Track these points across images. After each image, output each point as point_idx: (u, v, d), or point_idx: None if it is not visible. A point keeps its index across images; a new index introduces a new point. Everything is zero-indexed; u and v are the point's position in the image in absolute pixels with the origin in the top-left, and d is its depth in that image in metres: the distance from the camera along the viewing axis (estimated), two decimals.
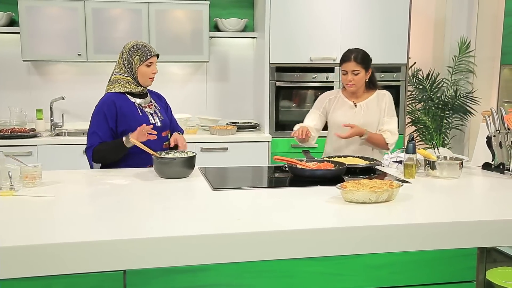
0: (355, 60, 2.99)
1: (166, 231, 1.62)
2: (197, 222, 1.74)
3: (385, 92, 3.17)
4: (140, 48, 2.65)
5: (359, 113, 3.07)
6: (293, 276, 1.68)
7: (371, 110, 3.09)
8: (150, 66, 2.66)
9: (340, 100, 3.15)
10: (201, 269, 1.61)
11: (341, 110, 3.11)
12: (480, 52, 5.18)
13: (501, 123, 2.68)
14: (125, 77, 2.68)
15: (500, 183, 2.44)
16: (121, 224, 1.70)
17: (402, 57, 4.52)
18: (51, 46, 4.20)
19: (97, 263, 1.53)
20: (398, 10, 4.46)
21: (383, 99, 3.12)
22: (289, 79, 4.37)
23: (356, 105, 3.09)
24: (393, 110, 3.13)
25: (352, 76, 3.01)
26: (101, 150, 2.59)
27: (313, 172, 2.43)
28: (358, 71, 3.00)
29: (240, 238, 1.63)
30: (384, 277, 1.74)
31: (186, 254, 1.59)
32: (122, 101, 2.65)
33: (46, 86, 4.54)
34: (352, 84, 3.03)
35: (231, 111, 4.86)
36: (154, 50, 2.69)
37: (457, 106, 4.97)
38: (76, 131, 4.46)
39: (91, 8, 4.19)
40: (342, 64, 3.04)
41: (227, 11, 4.69)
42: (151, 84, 2.74)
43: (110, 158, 2.62)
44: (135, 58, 2.64)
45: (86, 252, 1.52)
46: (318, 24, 4.35)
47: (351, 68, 3.00)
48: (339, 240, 1.70)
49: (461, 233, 1.78)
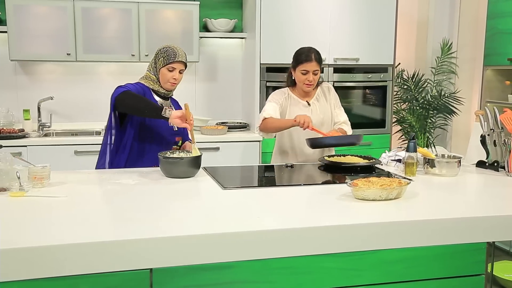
0: (316, 61, 2.97)
1: (188, 230, 1.64)
2: (217, 221, 1.76)
3: (327, 84, 3.20)
4: (167, 51, 2.66)
5: (315, 111, 3.07)
6: (312, 272, 1.72)
7: (322, 105, 3.11)
8: (172, 71, 2.66)
9: (293, 100, 3.09)
10: (226, 267, 1.63)
11: (298, 110, 3.04)
12: (461, 54, 5.32)
13: (494, 122, 2.77)
14: (152, 75, 2.71)
15: (496, 180, 2.53)
16: (143, 224, 1.71)
17: (389, 58, 4.62)
18: (39, 45, 4.14)
19: (123, 262, 1.54)
20: (385, 12, 4.56)
21: (329, 91, 3.17)
22: (279, 80, 4.40)
23: (309, 103, 3.10)
24: (339, 101, 3.20)
25: (312, 76, 2.99)
26: (135, 96, 2.53)
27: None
28: (318, 70, 3.00)
29: (262, 235, 1.66)
30: (399, 272, 1.79)
31: (210, 252, 1.61)
32: (149, 95, 2.68)
33: (34, 86, 4.47)
34: (311, 84, 3.01)
35: (219, 111, 4.87)
36: (181, 56, 2.67)
37: (441, 106, 5.10)
38: (64, 132, 4.41)
39: (80, 7, 4.15)
40: (303, 63, 2.96)
41: (216, 12, 4.70)
42: (171, 89, 2.74)
43: (136, 107, 2.52)
44: (160, 59, 2.66)
45: (112, 251, 1.53)
46: (307, 25, 4.40)
47: (313, 68, 2.97)
48: (355, 236, 1.74)
49: (470, 228, 1.84)
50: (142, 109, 2.52)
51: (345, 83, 4.59)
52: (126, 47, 4.28)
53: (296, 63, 3.01)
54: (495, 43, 4.48)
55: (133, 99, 2.53)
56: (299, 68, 2.99)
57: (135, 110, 2.56)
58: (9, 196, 2.03)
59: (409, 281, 1.81)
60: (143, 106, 2.52)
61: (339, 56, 4.52)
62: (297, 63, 3.00)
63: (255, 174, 2.73)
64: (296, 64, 3.02)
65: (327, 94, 3.16)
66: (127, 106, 2.56)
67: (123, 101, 2.54)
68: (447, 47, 5.27)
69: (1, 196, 2.03)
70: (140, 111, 2.54)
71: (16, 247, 1.46)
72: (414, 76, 5.21)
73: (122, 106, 2.56)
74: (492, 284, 1.97)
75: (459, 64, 5.33)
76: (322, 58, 3.04)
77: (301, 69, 2.99)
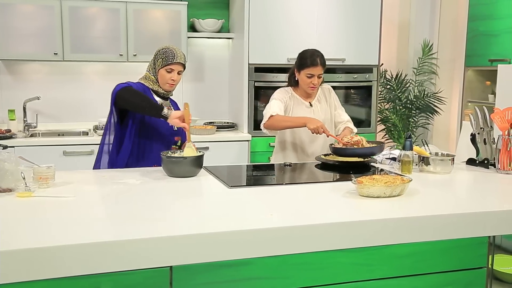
0: (321, 65, 3.03)
1: (206, 228, 1.67)
2: (232, 218, 1.79)
3: (327, 86, 3.27)
4: (166, 52, 2.66)
5: (316, 112, 3.14)
6: (326, 267, 1.76)
7: (323, 106, 3.18)
8: (170, 72, 2.67)
9: (296, 100, 3.14)
10: (243, 263, 1.66)
11: (300, 111, 3.11)
12: (442, 55, 5.46)
13: (484, 121, 2.87)
14: (151, 75, 2.72)
15: (488, 177, 2.62)
16: (161, 222, 1.72)
17: (374, 59, 4.71)
18: (26, 44, 4.09)
19: (144, 260, 1.56)
20: (370, 14, 4.65)
21: (330, 93, 3.24)
22: (267, 79, 4.45)
23: (311, 104, 3.16)
24: (339, 101, 3.29)
25: (317, 80, 3.04)
26: (136, 92, 2.54)
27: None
28: (322, 74, 3.07)
29: (278, 232, 1.70)
30: (409, 266, 1.85)
31: (228, 249, 1.64)
32: (149, 94, 2.69)
33: (19, 86, 4.41)
34: (315, 87, 3.08)
35: (206, 111, 4.89)
36: (179, 58, 2.68)
37: (424, 105, 5.22)
38: (50, 132, 4.37)
39: (67, 6, 4.12)
40: (309, 68, 3.01)
41: (203, 12, 4.72)
42: (170, 90, 2.75)
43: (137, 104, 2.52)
44: (159, 60, 2.67)
45: (132, 249, 1.54)
46: (294, 26, 4.46)
47: (319, 72, 3.03)
48: (366, 232, 1.79)
49: (473, 223, 1.91)
50: (142, 106, 2.53)
51: (331, 83, 4.58)
52: (114, 47, 4.26)
53: (301, 66, 3.05)
54: (476, 45, 4.62)
55: (134, 96, 2.54)
56: (304, 71, 3.04)
57: (135, 106, 2.55)
58: (16, 196, 2.01)
59: (418, 275, 1.87)
60: (144, 103, 2.52)
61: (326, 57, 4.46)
62: (303, 67, 3.04)
63: (256, 173, 2.77)
64: (301, 67, 3.05)
65: (328, 96, 3.22)
66: (127, 102, 2.55)
67: (123, 96, 2.54)
68: (428, 48, 5.39)
69: (8, 196, 2.01)
70: (140, 107, 2.54)
71: (39, 247, 1.46)
72: (397, 76, 5.32)
73: (123, 101, 2.55)
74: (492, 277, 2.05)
75: (440, 65, 5.46)
76: (325, 61, 3.09)
77: (306, 73, 3.03)
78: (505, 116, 2.72)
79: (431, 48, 5.41)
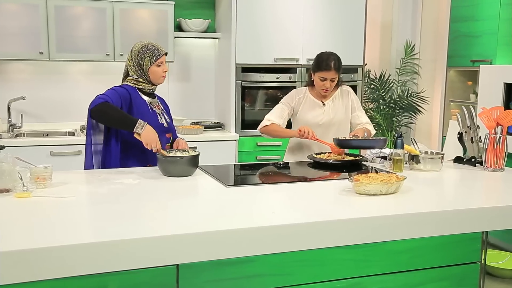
0: (335, 69, 3.05)
1: (211, 226, 1.69)
2: (234, 217, 1.82)
3: (347, 88, 3.30)
4: (149, 49, 2.66)
5: (327, 111, 3.19)
6: (327, 264, 1.80)
7: (337, 106, 3.21)
8: (160, 66, 2.68)
9: (308, 100, 3.20)
10: (248, 261, 1.69)
11: (311, 110, 3.17)
12: (423, 55, 5.56)
13: (471, 120, 2.94)
14: (139, 78, 2.69)
15: (476, 174, 2.69)
16: (165, 221, 1.74)
17: (359, 59, 4.77)
18: (10, 44, 4.04)
19: (151, 258, 1.57)
20: (354, 15, 4.70)
21: (348, 95, 3.26)
22: (254, 79, 4.48)
23: (324, 103, 3.21)
24: (360, 103, 3.33)
25: (330, 83, 3.07)
26: (112, 108, 2.50)
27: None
28: (336, 78, 3.09)
29: (281, 230, 1.73)
30: (406, 262, 1.90)
31: (233, 247, 1.66)
32: (136, 95, 2.68)
33: (3, 86, 4.36)
34: (328, 90, 3.11)
35: (193, 111, 4.90)
36: (163, 49, 2.71)
37: (407, 105, 5.31)
38: (36, 132, 4.32)
39: (53, 5, 4.08)
40: (322, 71, 3.04)
41: (189, 12, 4.72)
42: (163, 81, 2.76)
43: (111, 120, 2.52)
44: (145, 59, 2.65)
45: (139, 248, 1.56)
46: (281, 26, 4.49)
47: (332, 76, 3.05)
48: (365, 229, 1.84)
49: (468, 219, 1.97)
50: (115, 123, 2.54)
51: None
52: (101, 47, 4.24)
53: (316, 69, 3.09)
54: (458, 46, 4.72)
55: (106, 114, 2.50)
56: (318, 74, 3.07)
57: (109, 124, 2.57)
58: (14, 197, 2.00)
59: (415, 270, 1.92)
60: (117, 120, 2.51)
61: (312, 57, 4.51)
62: (317, 69, 3.08)
63: (250, 172, 2.79)
64: (315, 70, 3.09)
65: (345, 97, 3.23)
66: (101, 120, 2.57)
67: (96, 116, 2.54)
68: (410, 48, 5.49)
69: (6, 197, 2.00)
70: (113, 124, 2.56)
71: (43, 247, 1.47)
72: (381, 76, 5.40)
73: (96, 119, 2.57)
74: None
75: (422, 65, 5.56)
76: (341, 64, 3.11)
77: (319, 76, 3.06)
78: (492, 115, 2.80)
79: (413, 48, 5.51)
